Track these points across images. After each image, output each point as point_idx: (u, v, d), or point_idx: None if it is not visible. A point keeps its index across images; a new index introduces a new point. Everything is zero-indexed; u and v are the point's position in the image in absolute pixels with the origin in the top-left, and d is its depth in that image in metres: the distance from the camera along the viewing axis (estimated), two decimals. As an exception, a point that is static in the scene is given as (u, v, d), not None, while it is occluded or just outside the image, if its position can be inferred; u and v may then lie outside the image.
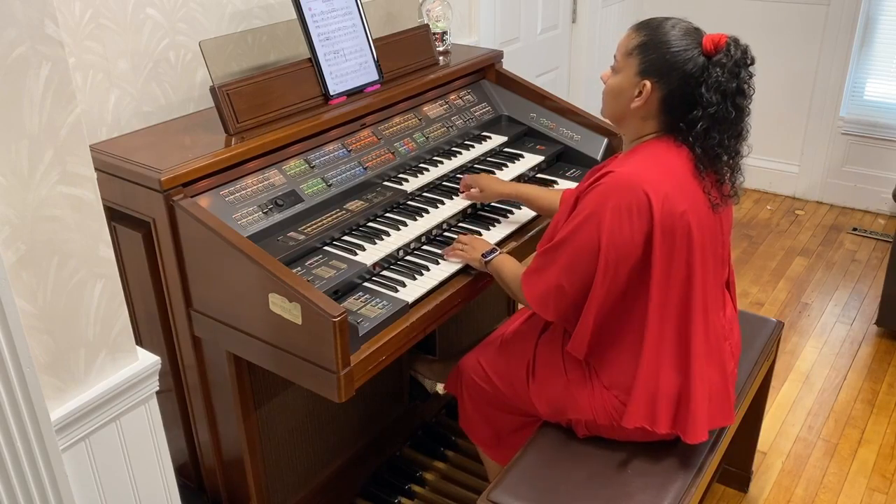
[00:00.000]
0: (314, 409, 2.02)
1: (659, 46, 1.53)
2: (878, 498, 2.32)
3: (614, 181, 1.53)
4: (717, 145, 1.54)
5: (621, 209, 1.50)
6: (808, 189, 4.19)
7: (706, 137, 1.53)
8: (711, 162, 1.56)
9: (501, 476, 1.66)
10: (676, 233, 1.52)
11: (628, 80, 1.58)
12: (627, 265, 1.54)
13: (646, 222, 1.50)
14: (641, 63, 1.55)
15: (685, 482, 1.63)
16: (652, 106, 1.57)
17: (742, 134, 1.58)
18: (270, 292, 1.48)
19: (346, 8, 2.00)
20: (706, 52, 1.52)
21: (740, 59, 1.51)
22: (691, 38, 1.54)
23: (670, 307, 1.57)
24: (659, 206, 1.49)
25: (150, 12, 1.85)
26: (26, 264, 1.20)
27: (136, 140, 1.77)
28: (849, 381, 2.82)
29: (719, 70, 1.50)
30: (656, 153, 1.58)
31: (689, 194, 1.54)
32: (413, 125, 2.15)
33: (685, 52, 1.52)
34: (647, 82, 1.54)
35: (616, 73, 1.61)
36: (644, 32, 1.56)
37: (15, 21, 1.11)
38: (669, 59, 1.52)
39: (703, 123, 1.52)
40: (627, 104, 1.59)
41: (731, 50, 1.51)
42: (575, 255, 1.56)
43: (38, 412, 1.22)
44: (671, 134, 1.59)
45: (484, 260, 1.76)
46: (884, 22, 3.80)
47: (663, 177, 1.53)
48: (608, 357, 1.65)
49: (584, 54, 3.85)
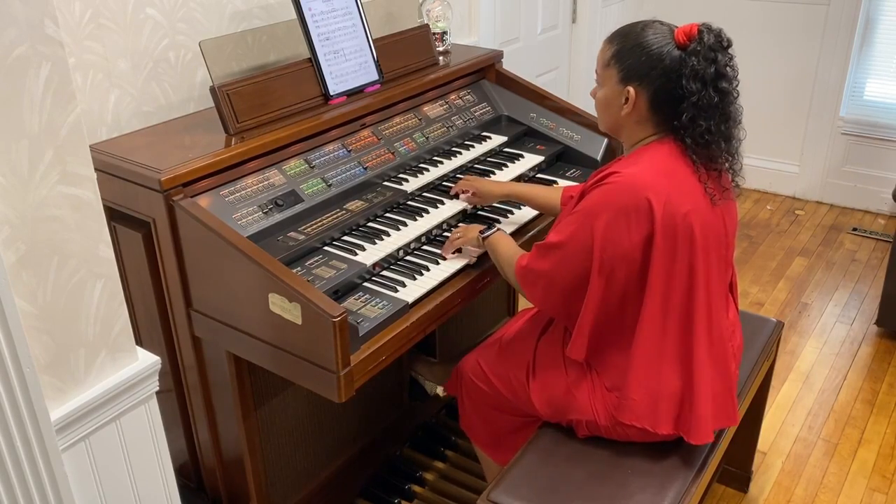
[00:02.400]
0: (314, 409, 2.02)
1: (633, 50, 1.55)
2: (878, 498, 2.32)
3: (618, 183, 1.53)
4: (706, 132, 1.54)
5: (620, 211, 1.51)
6: (808, 189, 4.19)
7: (693, 126, 1.53)
8: (703, 150, 1.55)
9: (501, 476, 1.66)
10: (679, 235, 1.52)
11: (612, 90, 1.59)
12: (624, 267, 1.54)
13: (645, 226, 1.50)
14: (620, 71, 1.57)
15: (685, 482, 1.63)
16: (641, 109, 1.58)
17: (732, 116, 1.57)
18: (270, 292, 1.48)
19: (346, 8, 2.00)
20: (680, 44, 1.53)
21: (714, 44, 1.51)
22: (663, 35, 1.55)
23: (673, 309, 1.57)
24: (661, 208, 1.49)
25: (150, 12, 1.85)
26: (26, 264, 1.20)
27: (136, 140, 1.77)
28: (849, 381, 2.81)
29: (695, 59, 1.50)
30: (660, 156, 1.58)
31: (691, 195, 1.54)
32: (413, 125, 2.15)
33: (660, 49, 1.53)
34: (631, 88, 1.56)
35: (600, 86, 1.63)
36: (617, 41, 1.58)
37: (15, 21, 1.11)
38: (646, 61, 1.54)
39: (689, 113, 1.53)
40: (618, 113, 1.60)
41: (704, 36, 1.51)
42: (569, 249, 1.57)
43: (38, 412, 1.22)
44: (671, 134, 1.59)
45: (482, 236, 1.78)
46: (884, 22, 3.80)
47: (666, 179, 1.53)
48: (610, 359, 1.65)
49: (584, 54, 3.85)
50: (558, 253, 1.59)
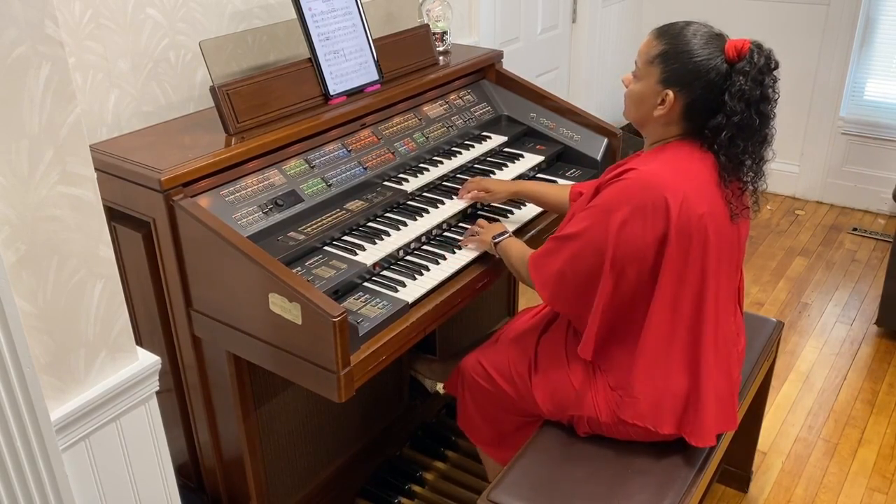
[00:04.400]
0: (314, 409, 2.02)
1: (681, 56, 1.52)
2: (878, 498, 2.32)
3: (635, 179, 1.52)
4: (742, 153, 1.53)
5: (636, 208, 1.50)
6: (808, 189, 4.19)
7: (730, 146, 1.52)
8: (735, 169, 1.55)
9: (501, 476, 1.66)
10: (693, 235, 1.51)
11: (650, 88, 1.57)
12: (636, 265, 1.53)
13: (661, 224, 1.50)
14: (664, 73, 1.54)
15: (685, 482, 1.63)
16: (675, 113, 1.57)
17: (767, 139, 1.57)
18: (270, 292, 1.48)
19: (346, 8, 2.00)
20: (729, 59, 1.51)
21: (764, 66, 1.50)
22: (713, 46, 1.52)
23: (683, 309, 1.56)
24: (676, 208, 1.49)
25: (150, 12, 1.85)
26: (26, 264, 1.20)
27: (136, 140, 1.77)
28: (849, 381, 2.81)
29: (742, 78, 1.48)
30: (680, 156, 1.57)
31: (709, 198, 1.53)
32: (413, 125, 2.15)
33: (708, 60, 1.50)
34: (670, 92, 1.54)
35: (638, 80, 1.60)
36: (665, 40, 1.55)
37: (15, 21, 1.11)
38: (692, 69, 1.51)
39: (728, 132, 1.51)
40: (650, 111, 1.59)
41: (755, 57, 1.49)
42: (583, 244, 1.56)
43: (38, 412, 1.22)
44: (696, 138, 1.58)
45: (493, 242, 1.79)
46: (884, 22, 3.80)
47: (685, 179, 1.52)
48: (615, 357, 1.65)
49: (584, 54, 3.85)
50: (572, 245, 1.58)
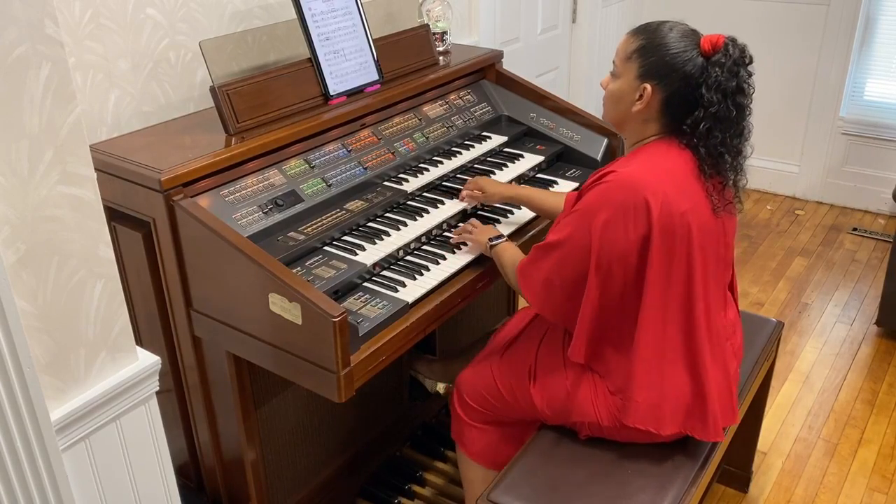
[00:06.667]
0: (314, 409, 2.02)
1: (657, 49, 1.55)
2: (878, 498, 2.32)
3: (614, 182, 1.53)
4: (720, 144, 1.55)
5: (617, 209, 1.51)
6: (808, 189, 4.19)
7: (709, 137, 1.54)
8: (715, 162, 1.56)
9: (501, 476, 1.66)
10: (676, 233, 1.52)
11: (629, 84, 1.59)
12: (621, 266, 1.54)
13: (643, 225, 1.50)
14: (641, 66, 1.56)
15: (685, 482, 1.63)
16: (653, 108, 1.58)
17: (744, 133, 1.59)
18: (270, 292, 1.48)
19: (346, 8, 2.00)
20: (704, 52, 1.54)
21: (738, 58, 1.53)
22: (689, 40, 1.55)
23: (672, 308, 1.57)
24: (658, 207, 1.50)
25: (150, 12, 1.85)
26: (26, 264, 1.20)
27: (135, 140, 1.77)
28: (849, 381, 2.82)
29: (718, 70, 1.51)
30: (659, 154, 1.58)
31: (690, 195, 1.55)
32: (413, 125, 2.15)
33: (684, 53, 1.53)
34: (648, 85, 1.56)
35: (616, 78, 1.62)
36: (642, 36, 1.58)
37: (15, 21, 1.11)
38: (669, 61, 1.54)
39: (706, 123, 1.53)
40: (629, 108, 1.60)
41: (730, 49, 1.52)
42: (567, 250, 1.57)
43: (38, 412, 1.22)
44: (674, 135, 1.59)
45: (489, 244, 1.79)
46: (884, 22, 3.80)
47: (665, 177, 1.53)
48: (612, 362, 1.65)
49: (584, 54, 3.85)
50: (557, 252, 1.59)
